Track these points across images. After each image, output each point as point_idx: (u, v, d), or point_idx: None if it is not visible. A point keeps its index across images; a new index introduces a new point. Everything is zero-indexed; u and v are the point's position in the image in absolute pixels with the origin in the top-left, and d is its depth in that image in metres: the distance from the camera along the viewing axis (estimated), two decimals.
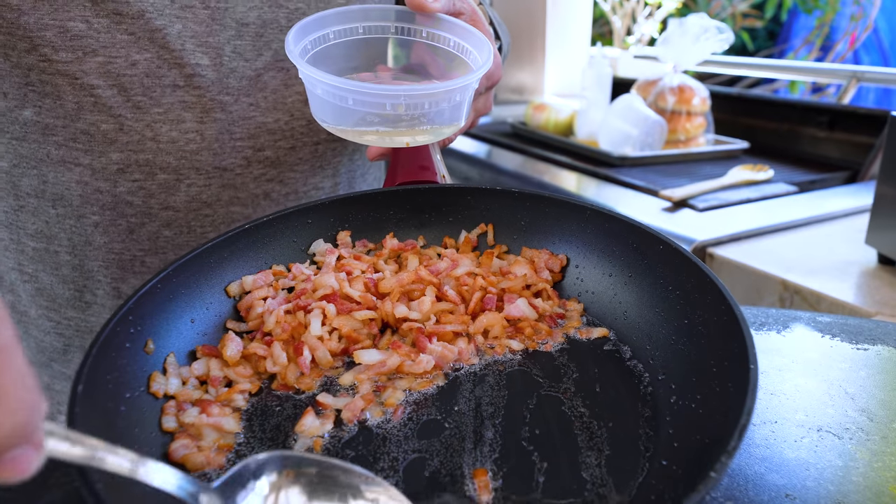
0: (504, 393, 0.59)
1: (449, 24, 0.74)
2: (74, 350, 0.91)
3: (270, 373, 0.61)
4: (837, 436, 0.58)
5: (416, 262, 0.71)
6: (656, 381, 0.58)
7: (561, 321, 0.68)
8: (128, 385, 0.55)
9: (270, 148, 0.87)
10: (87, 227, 0.84)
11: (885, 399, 0.64)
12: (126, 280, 0.87)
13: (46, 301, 0.89)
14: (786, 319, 0.80)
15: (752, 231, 1.48)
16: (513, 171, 2.04)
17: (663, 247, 0.64)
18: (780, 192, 1.75)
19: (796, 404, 0.63)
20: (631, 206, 1.65)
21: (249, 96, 0.84)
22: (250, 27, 0.82)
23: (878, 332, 0.77)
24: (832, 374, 0.68)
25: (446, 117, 0.70)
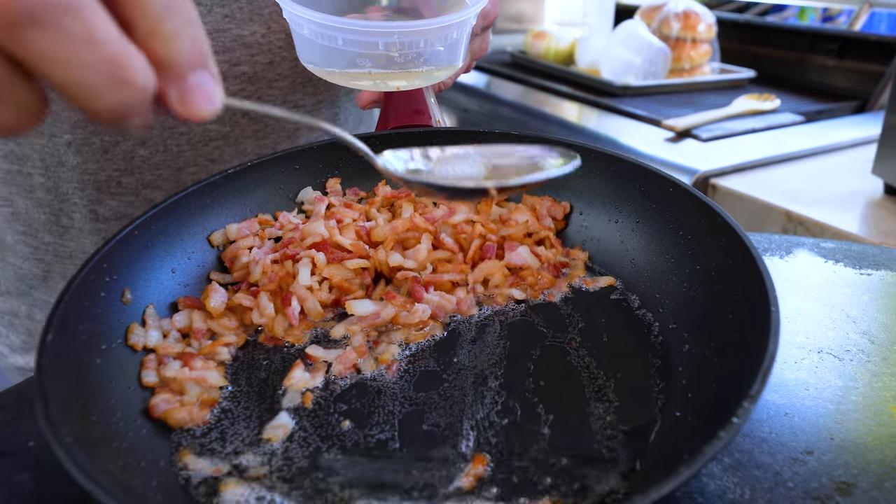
0: (506, 343, 0.56)
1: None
2: (55, 276, 0.89)
3: (257, 325, 0.58)
4: (838, 357, 0.59)
5: (411, 210, 0.68)
6: (667, 329, 0.56)
7: (565, 270, 0.65)
8: (103, 336, 0.52)
9: (247, 63, 0.84)
10: (59, 146, 0.81)
11: (886, 322, 0.64)
12: (103, 202, 0.85)
13: (23, 226, 0.87)
14: (789, 245, 0.79)
15: (757, 161, 1.46)
16: (512, 102, 2.00)
17: (673, 189, 0.61)
18: (787, 122, 1.72)
19: (797, 327, 0.63)
20: (633, 136, 1.62)
21: (224, 7, 0.81)
22: None
23: (882, 257, 0.76)
24: (834, 299, 0.68)
25: (442, 58, 0.67)
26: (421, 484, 0.43)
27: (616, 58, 1.99)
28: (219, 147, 0.86)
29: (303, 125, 0.53)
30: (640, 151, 1.53)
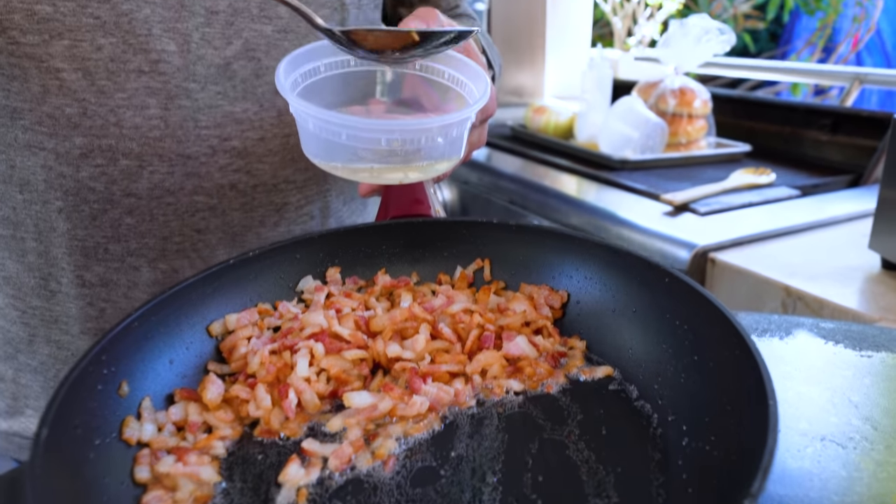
0: (504, 437, 0.55)
1: (444, 56, 0.71)
2: (39, 340, 0.90)
3: (253, 418, 0.57)
4: (841, 445, 0.57)
5: (410, 299, 0.68)
6: (666, 422, 0.55)
7: (563, 360, 0.64)
8: (98, 430, 0.51)
9: (238, 138, 0.86)
10: (51, 212, 0.83)
11: (889, 407, 0.63)
12: (90, 268, 0.86)
13: (13, 290, 0.89)
14: (788, 326, 0.78)
15: (755, 236, 1.46)
16: (512, 175, 2.02)
17: (669, 279, 0.61)
18: (783, 195, 1.73)
19: (799, 413, 0.61)
20: (632, 210, 1.63)
21: (217, 84, 0.83)
22: (220, 15, 0.81)
23: (881, 338, 0.75)
24: (835, 382, 0.66)
25: (443, 152, 0.67)
26: None
27: (614, 132, 2.01)
28: (205, 218, 0.87)
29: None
30: (639, 225, 1.54)
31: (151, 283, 0.87)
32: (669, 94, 2.09)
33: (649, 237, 1.49)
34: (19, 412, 0.94)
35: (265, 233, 0.92)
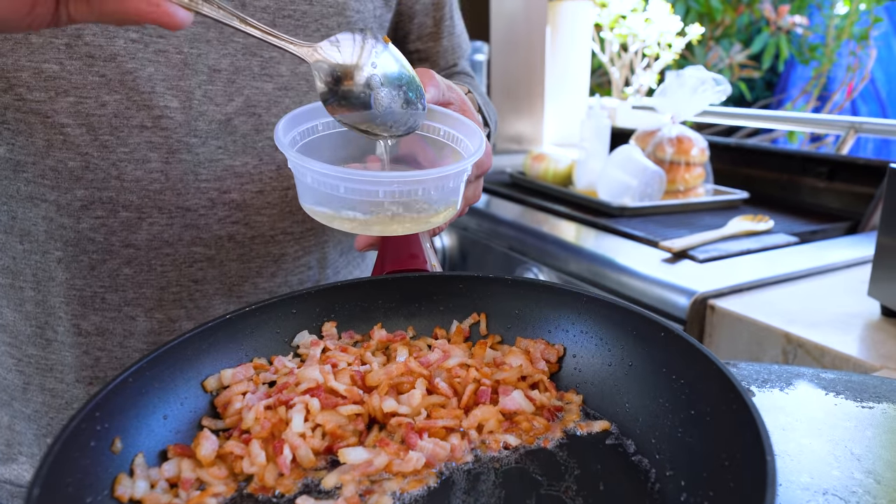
0: (501, 493, 0.54)
1: (439, 114, 0.72)
2: (34, 388, 0.90)
3: (247, 474, 0.56)
4: (844, 500, 0.56)
5: (406, 354, 0.67)
6: (664, 476, 0.54)
7: (560, 414, 0.63)
8: (90, 488, 0.50)
9: (237, 191, 0.87)
10: (50, 262, 0.84)
11: (891, 460, 0.61)
12: (86, 316, 0.86)
13: (9, 338, 0.89)
14: (788, 376, 0.77)
15: (754, 283, 1.46)
16: (511, 221, 2.02)
17: (665, 333, 0.60)
18: (781, 242, 1.73)
19: (801, 466, 0.60)
20: (630, 256, 1.63)
21: (218, 139, 0.84)
22: (222, 73, 0.82)
23: (882, 388, 0.74)
24: (837, 434, 0.65)
25: (439, 205, 0.68)
26: None
27: (613, 180, 2.02)
28: (202, 269, 0.87)
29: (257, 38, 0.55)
30: (638, 272, 1.53)
31: (147, 332, 0.87)
32: (667, 143, 2.10)
33: (648, 284, 1.49)
34: (12, 459, 0.94)
35: (262, 283, 0.92)
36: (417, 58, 1.10)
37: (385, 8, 0.98)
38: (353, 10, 0.91)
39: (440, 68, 1.12)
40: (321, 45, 0.61)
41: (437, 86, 0.73)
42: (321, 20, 0.88)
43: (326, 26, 0.88)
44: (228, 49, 0.82)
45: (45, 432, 0.90)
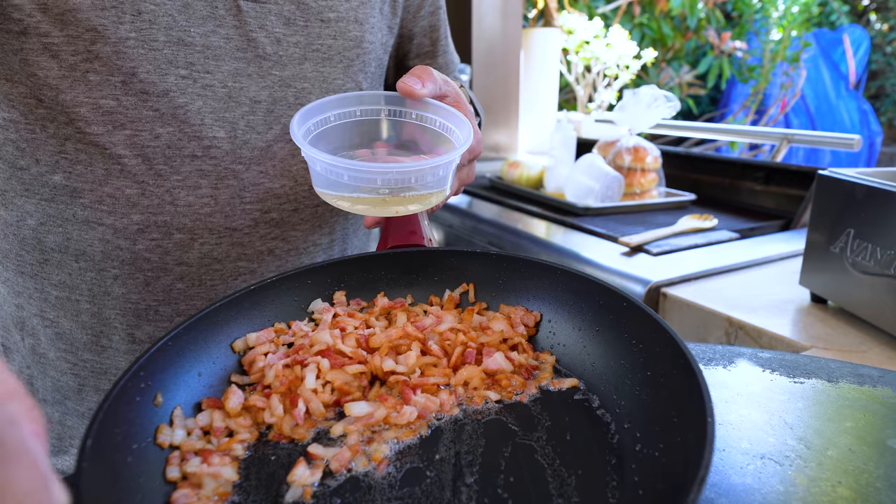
0: (482, 442, 0.55)
1: (435, 107, 0.73)
2: (88, 389, 0.88)
3: (268, 423, 0.58)
4: (779, 463, 0.56)
5: (405, 319, 0.68)
6: (622, 429, 0.55)
7: (535, 373, 0.64)
8: (135, 437, 0.51)
9: (276, 210, 0.85)
10: (106, 279, 0.82)
11: (819, 428, 0.62)
12: (140, 327, 0.85)
13: (65, 345, 0.86)
14: (731, 355, 0.78)
15: (700, 273, 1.47)
16: (490, 220, 2.02)
17: (626, 304, 0.61)
18: (724, 238, 1.74)
19: (741, 433, 0.61)
20: (593, 250, 1.63)
21: (260, 165, 0.83)
22: (262, 104, 0.81)
23: (812, 366, 0.75)
24: (773, 406, 0.66)
25: (432, 188, 0.68)
26: None
27: (578, 184, 2.02)
28: (246, 280, 0.86)
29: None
30: (600, 264, 1.54)
31: None
32: (625, 152, 2.11)
33: (609, 274, 1.49)
34: (64, 451, 0.92)
35: None
36: None
37: (389, 35, 0.97)
38: (367, 41, 0.90)
39: None
40: None
41: (435, 81, 0.73)
42: (343, 52, 0.87)
43: (348, 58, 0.88)
44: (266, 82, 0.81)
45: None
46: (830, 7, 6.06)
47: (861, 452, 0.58)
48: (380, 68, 0.96)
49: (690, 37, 4.84)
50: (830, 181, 1.19)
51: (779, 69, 4.86)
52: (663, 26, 4.64)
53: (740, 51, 4.91)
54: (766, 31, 4.96)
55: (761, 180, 2.10)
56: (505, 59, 3.02)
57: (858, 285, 1.13)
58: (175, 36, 0.74)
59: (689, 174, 2.35)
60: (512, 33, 3.00)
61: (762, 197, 2.10)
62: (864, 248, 1.11)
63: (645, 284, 1.39)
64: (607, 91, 3.20)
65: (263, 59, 0.80)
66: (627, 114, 2.10)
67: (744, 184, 2.16)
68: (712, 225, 1.81)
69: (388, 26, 0.96)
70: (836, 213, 1.18)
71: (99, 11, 0.70)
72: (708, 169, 2.30)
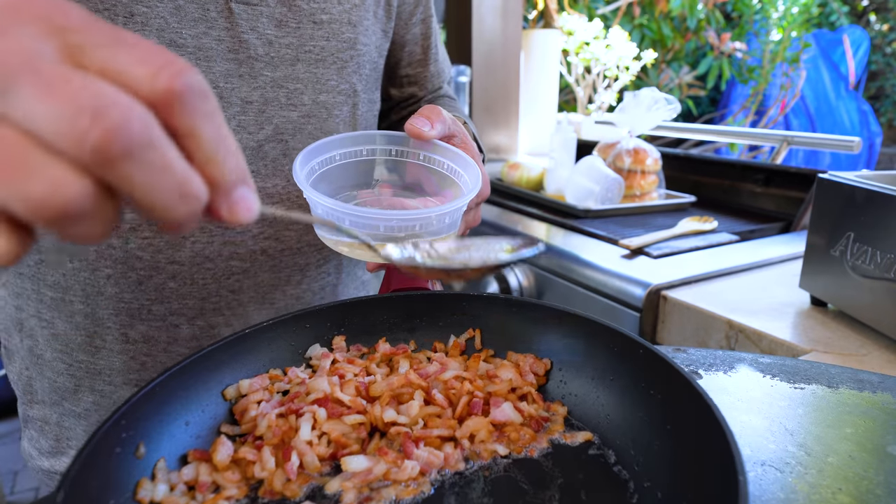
0: (489, 501, 0.50)
1: (442, 148, 0.70)
2: (84, 390, 0.86)
3: (258, 478, 0.52)
4: (779, 469, 0.55)
5: (407, 366, 0.63)
6: (642, 488, 0.49)
7: (546, 424, 0.59)
8: (114, 491, 0.46)
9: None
10: (100, 279, 0.80)
11: (819, 434, 0.61)
12: (133, 326, 0.83)
13: (61, 345, 0.85)
14: (731, 361, 0.76)
15: (700, 276, 1.44)
16: (491, 221, 1.99)
17: (643, 351, 0.56)
18: (724, 240, 1.71)
19: (742, 440, 0.59)
20: (593, 253, 1.60)
21: (251, 164, 0.81)
22: (253, 105, 0.80)
23: (812, 372, 0.74)
24: (773, 412, 0.65)
25: (436, 235, 0.65)
26: None
27: (578, 186, 2.00)
28: (239, 280, 0.84)
29: (303, 221, 0.53)
30: (600, 266, 1.51)
31: (190, 338, 0.84)
32: (625, 154, 2.08)
33: (609, 277, 1.46)
34: (62, 452, 0.90)
35: (290, 290, 0.90)
36: (408, 81, 1.08)
37: (384, 39, 0.96)
38: (362, 44, 0.89)
39: (427, 90, 1.09)
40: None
41: (444, 121, 0.72)
42: (336, 54, 0.86)
43: (341, 59, 0.86)
44: (258, 83, 0.80)
45: (93, 428, 0.86)
46: (830, 8, 6.05)
47: (861, 459, 0.58)
48: (375, 71, 0.95)
49: (690, 38, 4.82)
50: (830, 184, 1.17)
51: (778, 70, 4.86)
52: (663, 27, 4.61)
53: (740, 52, 4.89)
54: (765, 32, 4.95)
55: (761, 182, 2.08)
56: (505, 60, 3.01)
57: (858, 289, 1.11)
58: (167, 38, 0.73)
59: (689, 176, 2.33)
60: (512, 34, 2.98)
61: (762, 199, 2.08)
62: (864, 252, 1.10)
63: (645, 287, 1.36)
64: (607, 92, 3.18)
65: (255, 60, 0.79)
66: (627, 116, 2.07)
67: (744, 186, 2.14)
68: (712, 227, 1.79)
69: (382, 30, 0.95)
70: (835, 216, 1.16)
71: (92, 13, 0.66)
72: (708, 171, 2.28)
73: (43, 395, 0.89)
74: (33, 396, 0.90)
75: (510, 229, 1.87)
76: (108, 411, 0.84)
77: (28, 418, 0.92)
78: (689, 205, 2.09)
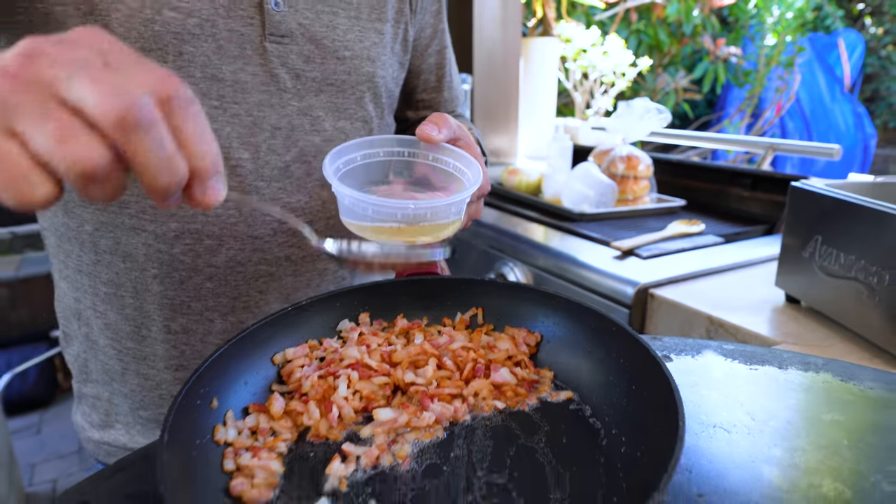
0: (490, 443, 0.62)
1: (449, 150, 0.78)
2: (130, 373, 0.95)
3: (306, 425, 0.65)
4: (727, 430, 0.65)
5: (421, 338, 0.75)
6: (611, 434, 0.61)
7: (536, 386, 0.71)
8: (198, 434, 0.59)
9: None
10: (147, 278, 0.89)
11: (765, 405, 0.70)
12: (175, 319, 0.92)
13: (112, 333, 0.94)
14: (699, 347, 0.84)
15: (686, 275, 1.51)
16: (490, 224, 2.05)
17: (616, 328, 0.68)
18: (710, 242, 1.77)
19: (700, 409, 0.69)
20: (587, 254, 1.67)
21: (279, 182, 0.90)
22: (282, 130, 0.88)
23: (767, 356, 0.82)
24: (729, 389, 0.73)
25: (444, 220, 0.74)
26: None
27: (574, 191, 2.06)
28: (266, 282, 0.93)
29: (264, 210, 0.67)
30: (594, 266, 1.58)
31: (222, 331, 0.93)
32: (619, 160, 2.14)
33: (601, 276, 1.54)
34: (110, 426, 0.99)
35: (311, 291, 0.99)
36: (423, 105, 1.16)
37: (401, 71, 1.04)
38: (379, 76, 0.97)
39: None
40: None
41: (451, 127, 0.78)
42: (355, 86, 0.94)
43: (360, 90, 0.94)
44: (286, 111, 0.88)
45: (138, 406, 0.96)
46: (825, 12, 6.04)
47: (797, 423, 0.67)
48: (390, 99, 1.03)
49: (686, 42, 4.82)
50: (802, 192, 1.26)
51: (774, 73, 4.84)
52: (660, 32, 4.64)
53: (735, 56, 4.89)
54: (760, 37, 4.95)
55: (748, 187, 2.13)
56: (505, 66, 3.05)
57: (825, 287, 1.20)
58: (209, 73, 0.81)
59: (679, 181, 2.38)
60: (512, 42, 3.03)
61: (749, 203, 2.13)
62: (830, 253, 1.18)
63: (634, 286, 1.44)
64: (604, 98, 3.23)
65: (284, 91, 0.87)
66: (621, 124, 2.13)
67: (732, 190, 2.19)
68: (700, 230, 1.85)
69: (399, 62, 1.02)
70: (806, 221, 1.24)
71: (147, 53, 0.77)
72: (698, 176, 2.33)
73: (96, 376, 0.99)
74: (88, 376, 1.00)
75: (509, 231, 1.94)
76: (151, 392, 0.95)
77: (82, 395, 1.02)
78: (679, 208, 2.14)
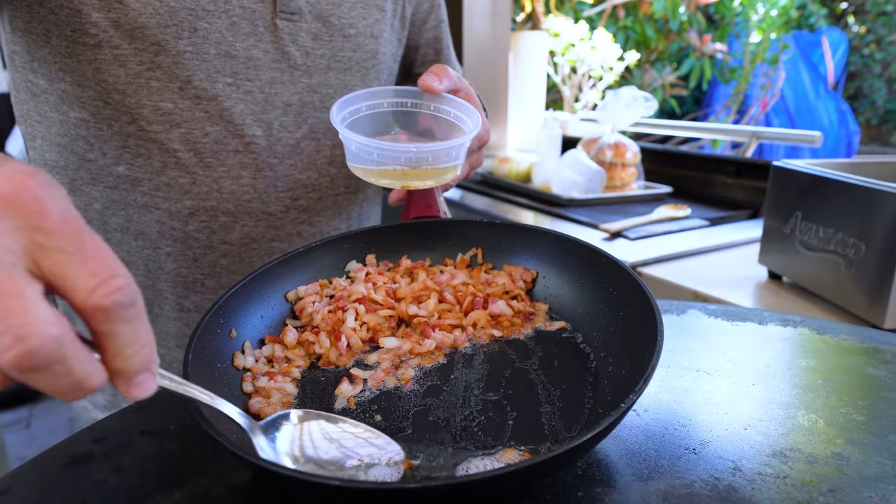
0: (487, 367, 0.67)
1: (450, 100, 0.81)
2: None
3: (317, 354, 0.70)
4: (709, 373, 0.71)
5: (424, 276, 0.79)
6: (599, 357, 0.66)
7: (531, 317, 0.75)
8: (219, 358, 0.64)
9: (304, 198, 0.96)
10: (160, 256, 0.91)
11: (746, 353, 0.76)
12: (188, 297, 0.94)
13: None
14: (684, 307, 0.90)
15: (672, 255, 1.58)
16: (483, 211, 2.11)
17: (605, 260, 0.72)
18: (696, 225, 1.84)
19: (684, 358, 0.74)
20: (577, 237, 1.67)
21: (290, 159, 0.93)
22: (293, 107, 0.91)
23: (748, 314, 0.88)
24: (711, 340, 0.79)
25: (445, 164, 0.78)
26: (426, 454, 0.54)
27: (563, 177, 2.12)
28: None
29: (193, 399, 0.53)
30: None
31: None
32: (607, 148, 2.20)
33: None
34: (116, 406, 1.00)
35: None
36: None
37: (399, 47, 1.08)
38: (381, 53, 1.00)
39: None
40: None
41: (450, 77, 0.81)
42: (361, 63, 0.97)
43: (364, 67, 0.97)
44: (297, 88, 0.90)
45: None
46: (809, 10, 6.13)
47: (774, 367, 0.73)
48: (391, 76, 1.07)
49: (673, 39, 4.88)
50: (783, 171, 1.34)
51: (759, 70, 4.92)
52: (647, 29, 4.70)
53: (721, 53, 4.94)
54: (746, 34, 5.02)
55: (732, 174, 2.20)
56: (494, 61, 3.10)
57: (805, 261, 1.27)
58: (223, 49, 0.84)
59: (667, 169, 2.44)
60: (501, 36, 3.08)
61: (733, 189, 2.20)
62: (809, 229, 1.26)
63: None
64: (592, 91, 3.29)
65: (295, 69, 0.90)
66: (609, 113, 2.19)
67: (717, 177, 2.25)
68: (686, 214, 1.91)
69: (397, 39, 1.06)
70: (787, 198, 1.32)
71: (163, 28, 0.80)
72: (683, 164, 2.40)
73: None
74: None
75: (500, 217, 1.97)
76: (162, 369, 0.98)
77: None
78: (666, 195, 2.21)
